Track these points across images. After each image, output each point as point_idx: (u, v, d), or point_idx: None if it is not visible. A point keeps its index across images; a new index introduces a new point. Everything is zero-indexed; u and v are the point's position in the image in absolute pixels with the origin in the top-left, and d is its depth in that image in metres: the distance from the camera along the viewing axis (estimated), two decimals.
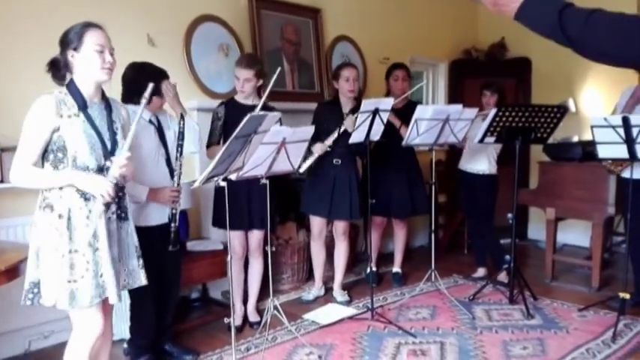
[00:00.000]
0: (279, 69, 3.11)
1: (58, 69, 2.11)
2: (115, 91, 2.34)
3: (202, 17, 3.91)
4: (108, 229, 2.10)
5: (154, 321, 2.90)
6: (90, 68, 2.07)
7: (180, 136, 2.76)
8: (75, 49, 2.06)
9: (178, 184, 2.77)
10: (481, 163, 4.23)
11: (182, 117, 2.79)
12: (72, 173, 2.04)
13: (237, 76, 3.32)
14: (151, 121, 2.80)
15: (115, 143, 2.15)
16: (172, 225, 2.76)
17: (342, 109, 3.78)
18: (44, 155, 2.07)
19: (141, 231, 2.52)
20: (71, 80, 2.11)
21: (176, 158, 2.77)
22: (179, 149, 2.76)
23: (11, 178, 2.06)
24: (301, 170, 3.47)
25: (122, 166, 2.07)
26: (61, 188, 2.05)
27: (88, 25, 2.10)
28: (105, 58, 2.08)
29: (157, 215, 2.82)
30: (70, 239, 2.03)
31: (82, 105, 2.08)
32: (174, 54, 3.76)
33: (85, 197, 2.07)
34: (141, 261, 2.30)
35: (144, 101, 2.09)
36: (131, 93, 2.71)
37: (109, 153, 2.12)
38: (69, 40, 2.07)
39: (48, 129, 2.01)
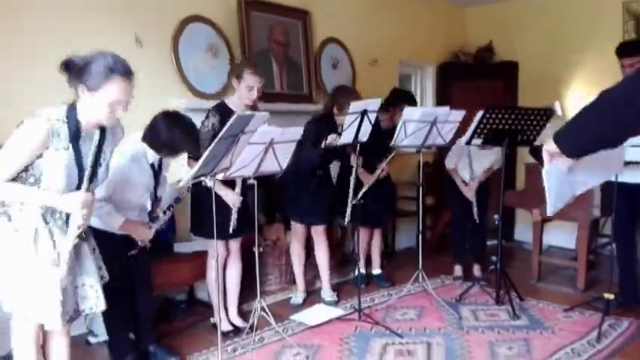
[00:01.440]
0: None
1: (76, 73, 1.94)
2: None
3: (191, 17, 3.89)
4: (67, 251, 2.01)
5: (128, 314, 2.86)
6: (96, 113, 1.97)
7: (176, 201, 2.76)
8: (89, 90, 1.92)
9: (154, 229, 2.77)
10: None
11: (189, 190, 2.85)
12: (52, 196, 1.94)
13: (252, 84, 3.15)
14: (152, 165, 2.75)
15: (94, 175, 2.02)
16: (132, 251, 2.74)
17: (338, 127, 3.73)
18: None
19: (104, 235, 2.49)
20: (73, 107, 1.99)
21: (164, 213, 2.78)
22: (170, 209, 2.78)
23: None
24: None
25: (79, 225, 1.97)
26: (22, 203, 1.96)
27: (114, 71, 1.92)
28: (115, 112, 1.97)
29: None
30: (21, 256, 1.95)
31: (75, 138, 1.97)
32: (162, 54, 3.74)
33: (45, 220, 1.99)
34: (98, 284, 2.20)
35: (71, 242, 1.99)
36: (156, 144, 2.67)
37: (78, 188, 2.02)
38: (87, 77, 1.90)
39: (32, 156, 1.93)
